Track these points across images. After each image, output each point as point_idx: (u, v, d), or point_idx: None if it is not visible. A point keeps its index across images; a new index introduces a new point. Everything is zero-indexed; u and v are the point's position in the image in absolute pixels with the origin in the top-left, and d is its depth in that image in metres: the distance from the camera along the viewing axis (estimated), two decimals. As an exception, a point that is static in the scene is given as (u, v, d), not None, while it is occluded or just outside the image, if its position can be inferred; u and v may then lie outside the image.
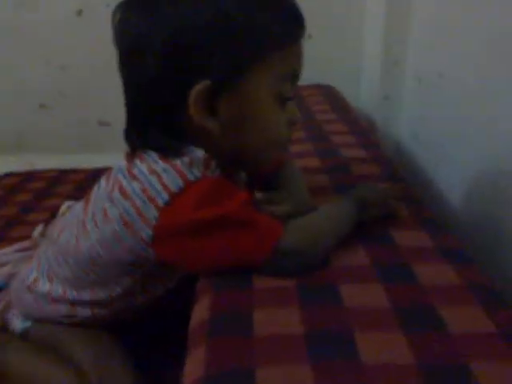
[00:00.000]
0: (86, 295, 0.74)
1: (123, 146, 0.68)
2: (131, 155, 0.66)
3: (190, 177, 0.60)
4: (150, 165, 0.62)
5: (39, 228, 1.15)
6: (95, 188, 0.72)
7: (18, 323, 0.81)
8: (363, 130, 1.17)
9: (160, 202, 0.60)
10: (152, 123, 0.64)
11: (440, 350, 0.49)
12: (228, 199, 0.60)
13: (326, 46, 1.55)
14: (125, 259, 0.66)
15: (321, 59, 1.52)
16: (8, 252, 1.07)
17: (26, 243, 1.09)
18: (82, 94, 1.73)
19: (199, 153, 0.63)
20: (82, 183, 1.48)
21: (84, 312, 0.75)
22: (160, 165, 0.62)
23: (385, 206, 0.74)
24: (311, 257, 0.62)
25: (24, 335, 0.80)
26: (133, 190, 0.62)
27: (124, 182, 0.63)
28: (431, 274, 0.61)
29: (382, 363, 0.48)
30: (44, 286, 0.77)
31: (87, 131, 1.79)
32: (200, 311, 0.58)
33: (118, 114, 0.68)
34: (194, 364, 0.50)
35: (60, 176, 1.55)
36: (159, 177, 0.61)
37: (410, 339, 0.51)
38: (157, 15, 0.60)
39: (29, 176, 1.56)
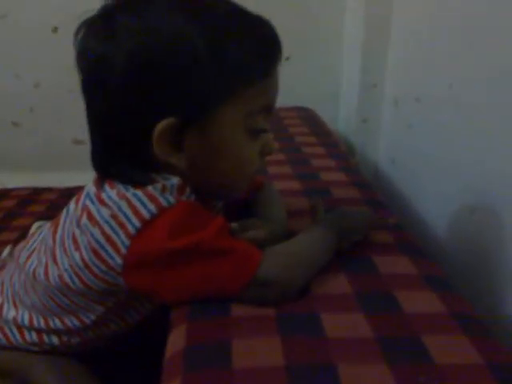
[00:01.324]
0: (56, 323, 0.70)
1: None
2: (100, 180, 0.64)
3: (163, 202, 0.58)
4: (120, 190, 0.60)
5: (8, 249, 1.12)
6: (64, 212, 0.69)
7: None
8: (342, 154, 1.17)
9: (131, 230, 0.57)
10: (116, 154, 0.61)
11: (426, 380, 0.48)
12: (203, 226, 0.58)
13: (304, 68, 1.55)
14: (95, 287, 0.63)
15: (299, 81, 1.52)
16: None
17: (-7, 264, 1.06)
18: (56, 112, 1.70)
19: (173, 179, 0.61)
20: (54, 202, 1.44)
21: (53, 340, 0.72)
22: (130, 190, 0.59)
23: (364, 230, 0.73)
24: (290, 286, 0.60)
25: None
26: (101, 217, 0.59)
27: (92, 208, 0.61)
28: (414, 301, 0.60)
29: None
30: (9, 312, 0.73)
31: (61, 150, 1.75)
32: (175, 341, 0.56)
33: None
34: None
35: (33, 195, 1.51)
36: (129, 202, 0.58)
37: (395, 372, 0.49)
38: (118, 41, 0.57)
39: (0, 195, 1.52)
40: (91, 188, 0.64)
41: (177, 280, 0.58)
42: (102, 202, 0.60)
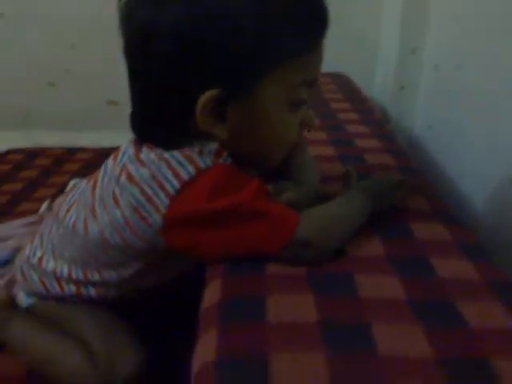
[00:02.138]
0: (94, 276, 0.72)
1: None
2: (138, 141, 0.64)
3: (201, 164, 0.59)
4: (158, 151, 0.61)
5: (46, 204, 1.15)
6: (102, 169, 0.71)
7: (22, 299, 0.80)
8: (377, 121, 1.15)
9: (170, 190, 0.58)
10: (156, 119, 0.62)
11: (459, 343, 0.48)
12: (241, 188, 0.59)
13: (340, 33, 1.52)
14: (134, 244, 0.65)
15: (335, 47, 1.49)
16: (13, 226, 1.06)
17: (32, 218, 1.08)
18: (91, 73, 1.71)
19: (211, 144, 0.62)
20: (89, 162, 1.47)
21: (90, 292, 0.74)
22: (169, 152, 0.60)
23: (399, 196, 0.72)
24: (326, 247, 0.61)
25: (29, 311, 0.79)
26: (141, 177, 0.60)
27: (131, 168, 0.62)
28: (449, 267, 0.60)
29: (399, 355, 0.47)
30: (49, 265, 0.75)
31: (96, 110, 1.76)
32: (211, 295, 0.57)
33: (126, 93, 0.66)
34: (205, 348, 0.49)
35: (67, 154, 1.54)
36: (168, 163, 0.59)
37: (428, 332, 0.49)
38: (166, 8, 0.57)
39: (35, 153, 1.55)
40: (129, 148, 0.65)
41: (214, 240, 0.59)
42: (140, 162, 0.61)
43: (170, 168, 0.59)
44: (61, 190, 1.21)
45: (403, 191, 0.72)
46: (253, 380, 0.44)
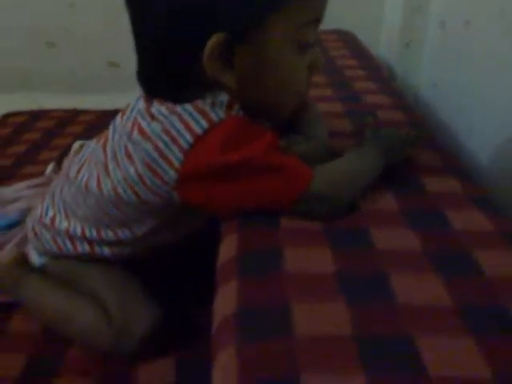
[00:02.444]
0: (108, 235, 0.72)
1: (132, 88, 0.66)
2: (147, 97, 0.64)
3: (214, 117, 0.58)
4: (169, 105, 0.60)
5: (51, 166, 1.15)
6: (111, 128, 0.70)
7: (34, 258, 0.81)
8: (384, 78, 1.14)
9: (184, 144, 0.58)
10: (164, 73, 0.61)
11: (477, 292, 0.49)
12: (255, 141, 0.58)
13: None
14: (149, 201, 0.65)
15: (341, 4, 1.47)
16: (20, 188, 1.06)
17: (38, 180, 1.08)
18: (91, 33, 1.68)
19: (222, 95, 0.61)
20: (92, 124, 1.45)
21: (104, 250, 0.74)
22: (181, 105, 0.59)
23: (408, 150, 0.72)
24: (340, 201, 0.61)
25: (41, 270, 0.80)
26: (153, 132, 0.60)
27: (143, 123, 0.61)
28: (462, 219, 0.60)
29: (417, 304, 0.47)
30: (62, 224, 0.75)
31: (96, 72, 1.74)
32: (228, 250, 0.57)
33: (127, 55, 0.65)
34: (225, 300, 0.50)
35: (69, 116, 1.52)
36: (181, 117, 0.59)
37: (445, 282, 0.50)
38: None
39: (36, 115, 1.54)
40: (140, 103, 0.64)
41: (228, 194, 0.59)
42: (152, 117, 0.61)
43: (182, 122, 0.59)
44: (65, 152, 1.21)
45: (415, 146, 0.72)
46: (275, 330, 0.45)
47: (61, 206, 0.76)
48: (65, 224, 0.75)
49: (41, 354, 0.73)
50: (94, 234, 0.73)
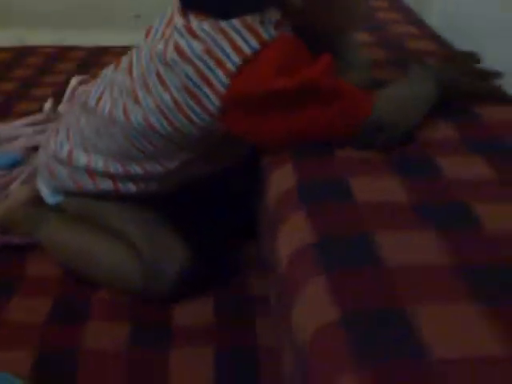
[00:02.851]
0: (135, 169, 0.66)
1: (122, 23, 0.59)
2: (183, 11, 0.56)
3: (265, 35, 0.52)
4: (212, 21, 0.53)
5: (49, 102, 1.07)
6: (134, 53, 0.63)
7: (48, 197, 0.74)
8: (406, 8, 1.08)
9: (230, 67, 0.52)
10: None
11: None
12: (311, 63, 0.53)
13: None
14: (185, 131, 0.58)
15: None
16: (18, 125, 0.99)
17: (37, 117, 1.01)
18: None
19: (272, 12, 0.54)
20: (84, 60, 1.36)
21: (129, 187, 0.68)
22: (226, 21, 0.53)
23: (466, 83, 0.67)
24: (396, 130, 0.56)
25: (57, 209, 0.74)
26: (193, 52, 0.54)
27: (181, 42, 0.55)
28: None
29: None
30: (81, 159, 0.68)
31: (82, 5, 1.62)
32: (284, 179, 0.52)
33: None
34: (296, 233, 0.45)
35: (58, 53, 1.42)
36: (226, 35, 0.52)
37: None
38: None
39: (23, 52, 1.43)
40: (176, 18, 0.57)
41: (281, 123, 0.54)
42: (193, 34, 0.54)
43: (228, 40, 0.52)
44: (61, 89, 1.13)
45: (470, 78, 0.67)
46: (360, 256, 0.41)
47: (78, 140, 0.69)
48: (84, 159, 0.68)
49: (65, 299, 0.68)
50: (119, 168, 0.66)
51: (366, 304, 0.36)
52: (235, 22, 0.53)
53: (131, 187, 0.68)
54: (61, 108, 1.04)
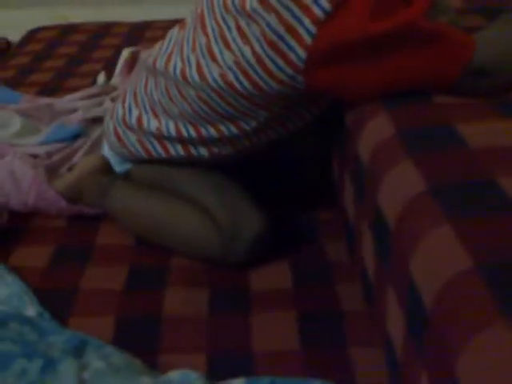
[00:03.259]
0: (209, 132, 0.63)
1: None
2: None
3: None
4: None
5: (102, 76, 1.05)
6: (204, 4, 0.60)
7: (116, 165, 0.73)
8: None
9: (318, 13, 0.48)
10: None
11: None
12: (407, 5, 0.49)
13: None
14: (265, 87, 0.55)
15: None
16: (73, 98, 0.97)
17: (92, 89, 0.99)
18: None
19: None
20: (129, 35, 1.34)
21: (201, 151, 0.65)
22: None
23: None
24: (502, 75, 0.52)
25: (126, 178, 0.72)
26: None
27: None
28: None
29: None
30: (151, 124, 0.66)
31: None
32: (380, 131, 0.49)
33: None
34: (407, 181, 0.42)
35: (101, 29, 1.41)
36: None
37: None
38: None
39: (66, 29, 1.42)
40: None
41: (375, 70, 0.51)
42: None
43: None
44: (111, 63, 1.12)
45: None
46: (487, 206, 0.38)
47: (147, 104, 0.67)
48: (155, 124, 0.66)
49: (141, 267, 0.66)
50: (192, 132, 0.64)
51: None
52: None
53: (204, 152, 0.65)
54: (113, 81, 1.03)
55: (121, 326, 0.58)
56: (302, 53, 0.50)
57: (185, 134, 0.64)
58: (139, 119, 0.67)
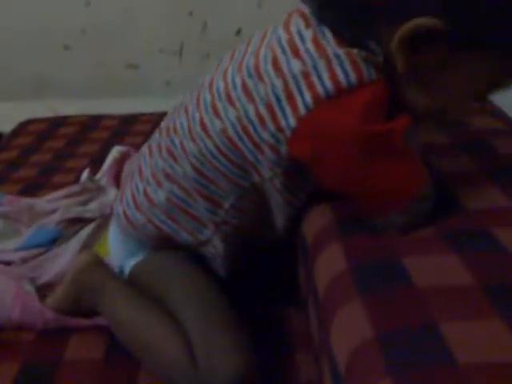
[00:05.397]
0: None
1: (153, 90, 0.58)
2: (289, 20, 0.56)
3: (366, 75, 0.51)
4: (321, 44, 0.52)
5: (86, 173, 1.07)
6: (226, 58, 0.62)
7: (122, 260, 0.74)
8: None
9: (320, 92, 0.51)
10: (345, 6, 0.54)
11: None
12: (392, 118, 0.52)
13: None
14: (254, 148, 0.57)
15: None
16: (54, 198, 0.99)
17: (74, 188, 1.01)
18: (108, 34, 1.61)
19: (379, 55, 0.53)
20: (118, 129, 1.37)
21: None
22: (333, 48, 0.52)
23: None
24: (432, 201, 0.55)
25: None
26: (289, 70, 0.53)
27: (281, 57, 0.54)
28: None
29: None
30: (157, 194, 0.66)
31: (114, 74, 1.67)
32: (331, 264, 0.50)
33: (146, 55, 0.58)
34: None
35: (92, 122, 1.44)
36: (329, 63, 0.51)
37: None
38: None
39: (57, 122, 1.46)
40: (280, 33, 0.56)
41: (354, 169, 0.53)
42: (295, 52, 0.53)
43: (328, 69, 0.51)
44: (99, 159, 1.13)
45: None
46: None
47: (148, 175, 0.67)
48: (161, 194, 0.66)
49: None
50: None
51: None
52: (341, 52, 0.52)
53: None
54: (98, 177, 1.04)
55: None
56: (293, 121, 0.53)
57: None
58: (145, 192, 0.68)
